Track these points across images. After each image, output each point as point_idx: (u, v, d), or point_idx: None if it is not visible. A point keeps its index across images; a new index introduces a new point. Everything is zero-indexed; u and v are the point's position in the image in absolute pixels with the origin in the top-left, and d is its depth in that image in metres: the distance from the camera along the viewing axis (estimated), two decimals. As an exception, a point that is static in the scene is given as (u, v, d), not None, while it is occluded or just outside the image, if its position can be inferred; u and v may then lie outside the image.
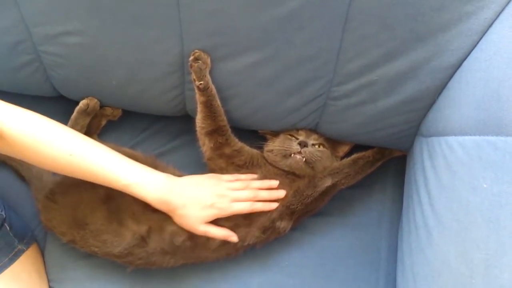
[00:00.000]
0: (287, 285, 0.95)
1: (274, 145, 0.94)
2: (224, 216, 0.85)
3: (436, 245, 0.72)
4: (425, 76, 0.78)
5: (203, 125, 0.91)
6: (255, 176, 0.91)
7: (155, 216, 0.86)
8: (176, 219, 0.85)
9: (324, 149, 0.94)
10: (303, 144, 0.91)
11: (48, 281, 0.99)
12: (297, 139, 0.93)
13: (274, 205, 0.88)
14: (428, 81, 0.78)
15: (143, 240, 0.87)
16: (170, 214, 0.84)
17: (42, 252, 1.01)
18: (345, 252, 0.98)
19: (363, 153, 0.96)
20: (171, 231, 0.86)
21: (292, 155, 0.91)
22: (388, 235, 0.99)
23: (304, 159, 0.90)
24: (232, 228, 0.87)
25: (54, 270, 0.99)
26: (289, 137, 0.95)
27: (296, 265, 0.97)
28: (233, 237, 0.86)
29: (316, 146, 0.93)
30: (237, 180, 0.90)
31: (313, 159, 0.91)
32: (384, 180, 1.03)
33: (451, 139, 0.73)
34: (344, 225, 1.00)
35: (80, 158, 0.79)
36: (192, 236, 0.86)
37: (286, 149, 0.91)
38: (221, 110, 0.90)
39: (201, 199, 0.84)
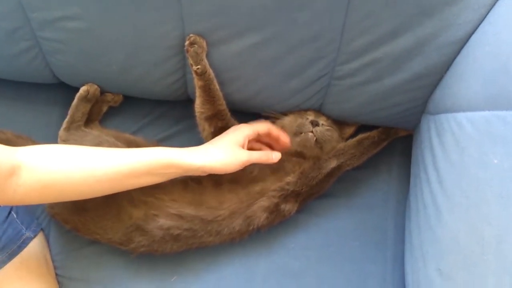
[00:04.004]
0: (293, 268, 0.94)
1: (283, 123, 0.93)
2: (254, 135, 0.85)
3: (446, 223, 0.71)
4: (431, 52, 0.77)
5: (202, 110, 0.90)
6: None
7: (149, 200, 0.86)
8: (224, 169, 0.80)
9: (333, 129, 0.94)
10: (314, 123, 0.91)
11: (54, 268, 0.98)
12: (307, 119, 0.93)
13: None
14: (435, 57, 0.77)
15: (140, 227, 0.87)
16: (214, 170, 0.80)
17: (47, 240, 1.01)
18: (352, 233, 0.97)
19: (368, 133, 0.95)
20: (165, 225, 0.86)
21: (303, 133, 0.90)
22: (395, 215, 0.98)
23: (315, 138, 0.89)
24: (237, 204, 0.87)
25: (60, 257, 0.98)
26: (300, 116, 0.94)
27: (302, 247, 0.96)
28: (275, 154, 0.87)
29: (326, 126, 0.93)
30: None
31: (324, 139, 0.91)
32: (389, 160, 1.02)
33: (460, 116, 0.72)
34: (350, 207, 0.99)
35: (109, 168, 0.75)
36: (190, 229, 0.86)
37: (298, 126, 0.91)
38: (219, 94, 0.89)
39: (225, 133, 0.85)
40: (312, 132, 0.90)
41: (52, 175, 0.72)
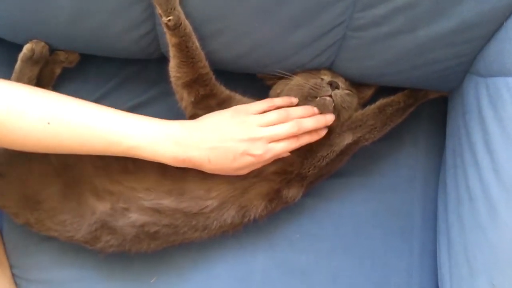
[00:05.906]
0: (299, 263, 0.87)
1: (291, 84, 0.81)
2: (266, 163, 0.74)
3: (504, 225, 0.62)
4: (489, -8, 0.62)
5: (179, 75, 0.78)
6: (293, 99, 0.78)
7: (117, 190, 0.77)
8: (211, 173, 0.75)
9: (353, 94, 0.82)
10: (334, 85, 0.78)
11: (10, 267, 0.89)
12: (323, 79, 0.80)
13: (323, 132, 0.78)
14: (492, -1, 0.62)
15: (107, 225, 0.77)
16: (201, 169, 0.74)
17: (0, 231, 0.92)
18: (370, 220, 0.90)
19: (391, 98, 0.84)
20: (139, 221, 0.77)
21: (319, 98, 0.78)
22: (422, 197, 0.90)
23: (333, 104, 0.78)
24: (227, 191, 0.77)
25: (15, 255, 0.90)
26: (313, 76, 0.81)
27: (309, 238, 0.89)
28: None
29: (345, 90, 0.80)
30: (270, 107, 0.76)
31: (343, 105, 0.79)
32: (415, 128, 0.92)
33: (528, 82, 0.59)
34: (368, 187, 0.91)
35: (60, 124, 0.67)
36: (170, 225, 0.77)
37: (313, 88, 0.77)
38: (200, 53, 0.77)
39: (228, 148, 0.71)
40: (330, 96, 0.78)
41: None
